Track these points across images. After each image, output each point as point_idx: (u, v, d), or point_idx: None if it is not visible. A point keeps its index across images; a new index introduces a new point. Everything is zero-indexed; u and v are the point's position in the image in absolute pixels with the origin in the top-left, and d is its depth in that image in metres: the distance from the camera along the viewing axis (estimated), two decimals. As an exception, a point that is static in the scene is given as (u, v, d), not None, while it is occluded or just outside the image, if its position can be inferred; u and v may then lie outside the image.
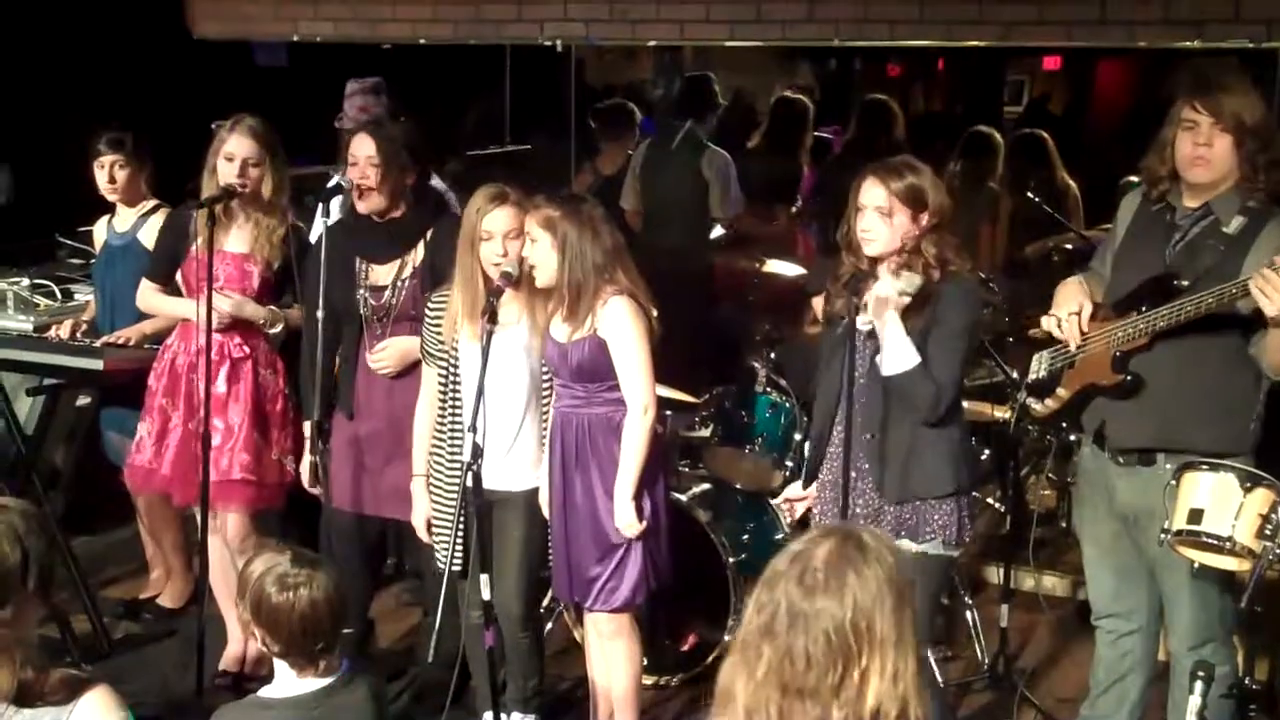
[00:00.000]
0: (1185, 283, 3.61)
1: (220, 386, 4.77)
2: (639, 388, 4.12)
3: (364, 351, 4.61)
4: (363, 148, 4.52)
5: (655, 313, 4.29)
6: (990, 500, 6.02)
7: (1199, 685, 3.39)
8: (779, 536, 5.17)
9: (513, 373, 4.26)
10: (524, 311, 4.24)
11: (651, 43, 6.68)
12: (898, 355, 3.72)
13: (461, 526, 4.12)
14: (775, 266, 6.52)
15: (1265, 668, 4.81)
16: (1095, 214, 6.51)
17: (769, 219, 7.24)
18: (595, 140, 7.64)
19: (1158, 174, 3.83)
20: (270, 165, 4.73)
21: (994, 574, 5.61)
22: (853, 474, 3.88)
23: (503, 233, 4.18)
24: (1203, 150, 3.66)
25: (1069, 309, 3.90)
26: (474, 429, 3.85)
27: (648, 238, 6.81)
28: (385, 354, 4.57)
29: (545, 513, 4.30)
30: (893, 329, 3.71)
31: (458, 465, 4.20)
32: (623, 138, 7.44)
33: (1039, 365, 4.08)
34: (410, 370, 4.54)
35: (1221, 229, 3.68)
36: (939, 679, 4.62)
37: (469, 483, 3.92)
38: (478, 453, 3.86)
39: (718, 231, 7.06)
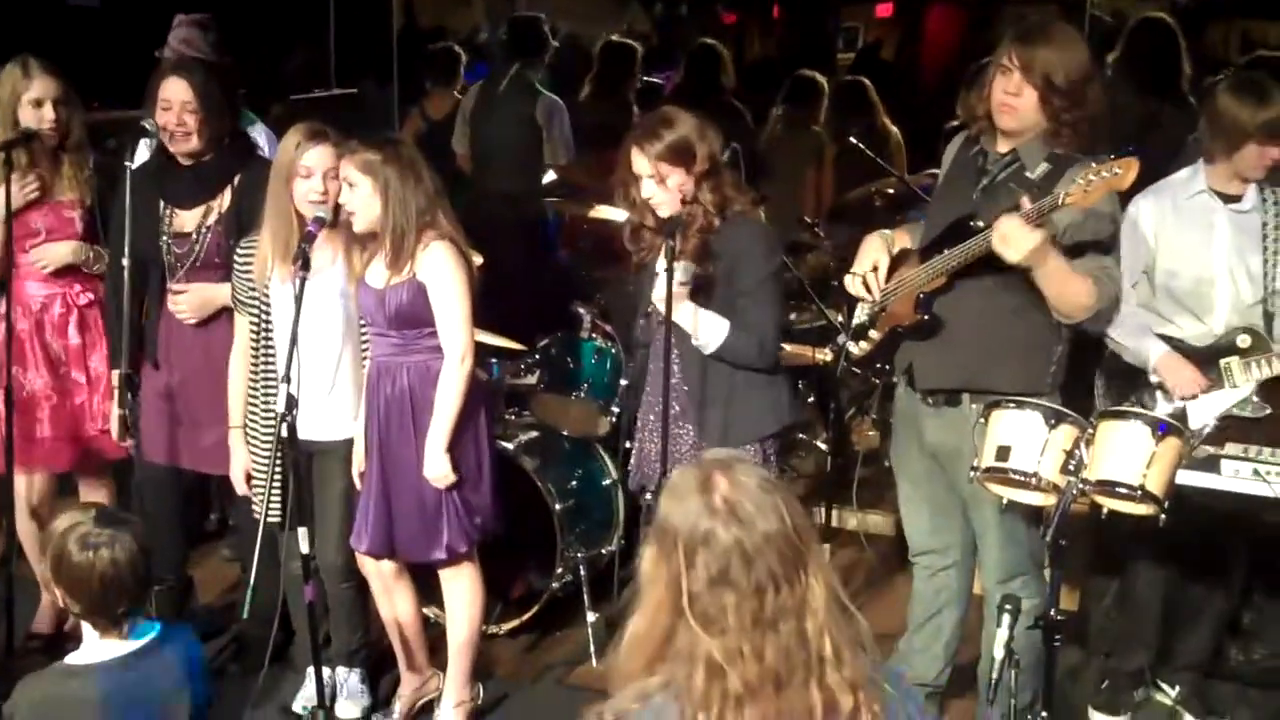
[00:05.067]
0: (981, 224, 3.68)
1: (74, 338, 4.65)
2: (457, 334, 4.07)
3: (167, 299, 4.49)
4: (176, 92, 4.37)
5: (479, 259, 4.26)
6: (816, 441, 6.10)
7: (1005, 618, 3.49)
8: (606, 482, 5.19)
9: (328, 319, 4.18)
10: (338, 255, 4.16)
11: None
12: (709, 332, 3.82)
13: (279, 478, 4.05)
14: (606, 211, 6.49)
15: (1075, 599, 5.00)
16: (925, 158, 6.60)
17: (600, 164, 7.20)
18: (424, 84, 7.52)
19: (975, 111, 3.89)
20: (72, 103, 4.57)
21: (819, 514, 5.70)
22: (674, 426, 3.94)
23: (322, 170, 4.09)
24: (1010, 99, 3.72)
25: (862, 267, 3.97)
26: (288, 379, 3.77)
27: (479, 182, 6.74)
28: (184, 299, 4.45)
29: (358, 463, 4.25)
30: (687, 315, 3.80)
31: (273, 415, 4.10)
32: (450, 82, 7.35)
33: (861, 311, 4.14)
34: (218, 318, 4.44)
35: (1025, 174, 3.75)
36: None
37: (284, 434, 3.85)
38: (292, 403, 3.78)
39: (550, 177, 7.00)
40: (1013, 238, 3.46)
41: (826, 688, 2.17)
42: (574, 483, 5.11)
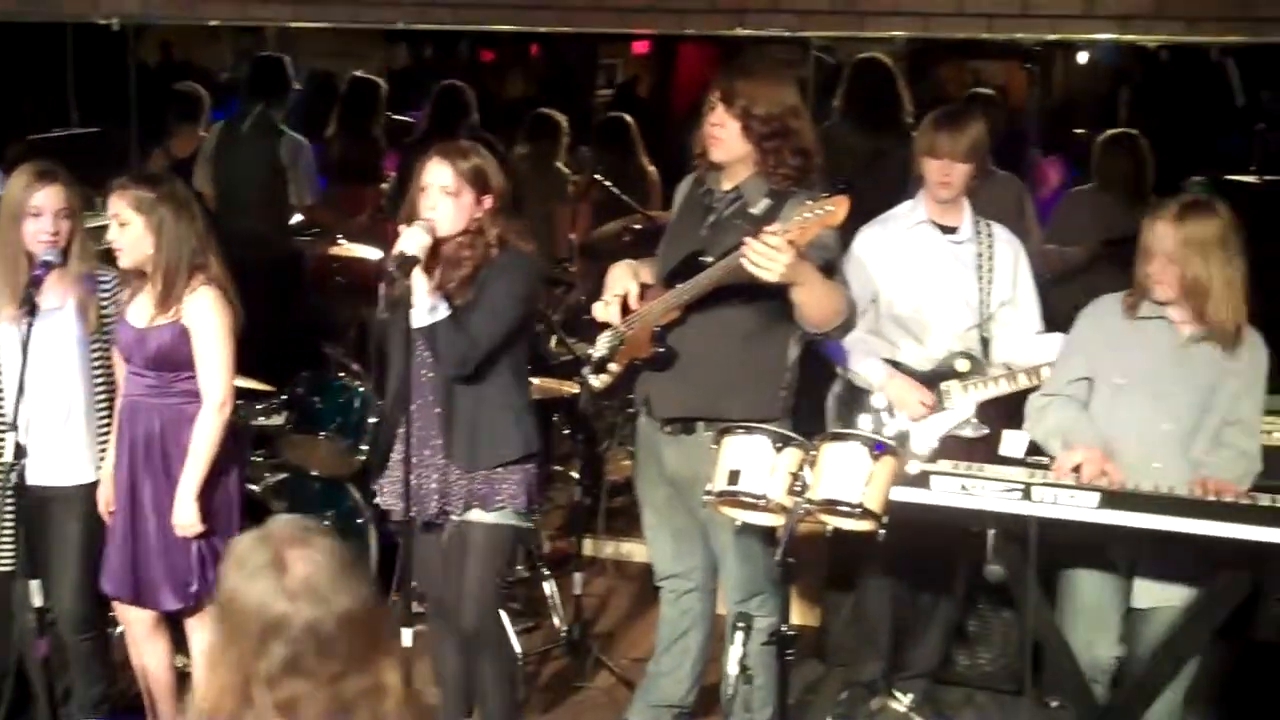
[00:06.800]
0: (710, 259, 3.84)
1: None
2: (217, 383, 4.04)
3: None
4: None
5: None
6: (570, 472, 6.18)
7: (739, 635, 3.64)
8: (359, 521, 5.17)
9: (61, 362, 4.10)
10: (69, 297, 4.08)
11: (213, 22, 6.49)
12: (422, 310, 3.81)
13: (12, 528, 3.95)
14: (355, 249, 6.48)
15: (817, 615, 5.20)
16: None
17: (347, 200, 7.19)
18: (168, 123, 7.38)
19: (697, 151, 4.08)
20: None
21: (572, 544, 5.78)
22: (426, 451, 3.95)
23: (54, 210, 4.02)
24: (714, 130, 3.93)
25: (614, 292, 4.08)
26: (15, 427, 3.68)
27: (223, 222, 6.64)
28: None
29: (104, 504, 4.16)
30: (418, 284, 3.79)
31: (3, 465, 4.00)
32: (195, 120, 7.25)
33: (601, 344, 4.25)
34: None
35: (749, 210, 3.92)
36: (516, 650, 4.74)
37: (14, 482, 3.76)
38: (20, 452, 3.70)
39: (298, 217, 6.95)
40: (766, 261, 3.53)
41: None
42: (325, 523, 5.05)
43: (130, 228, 3.96)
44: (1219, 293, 3.74)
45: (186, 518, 4.03)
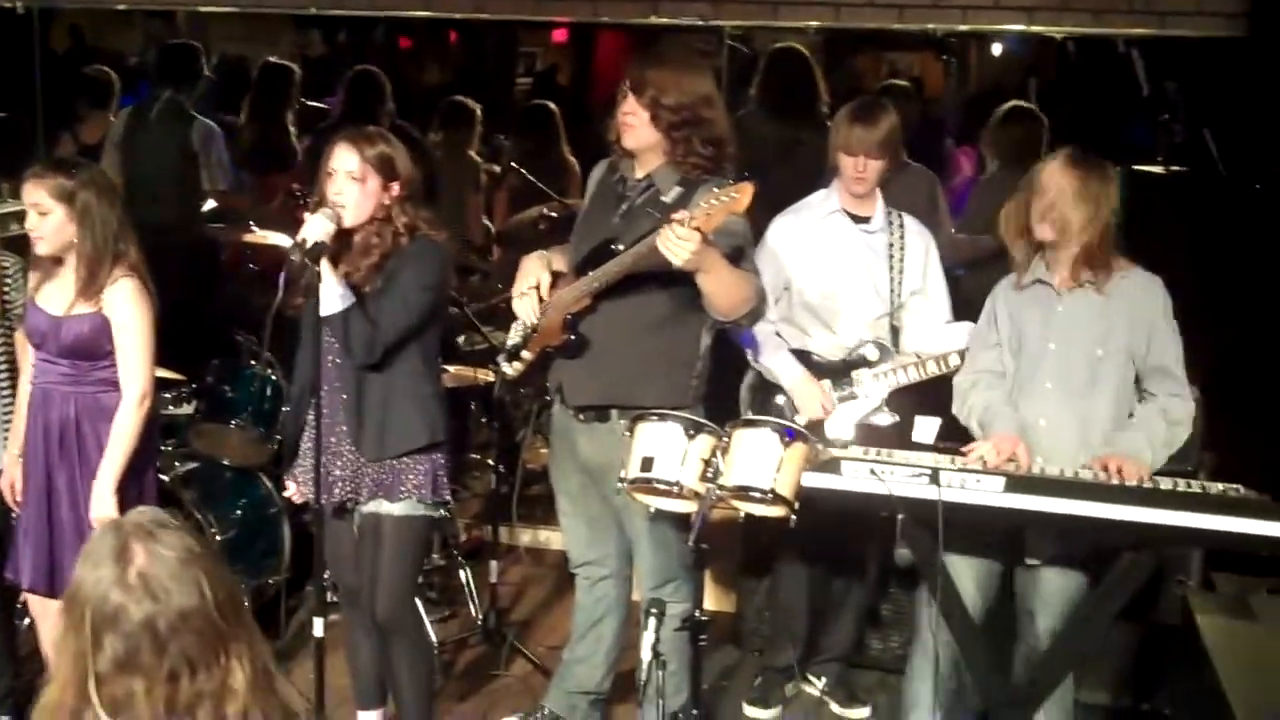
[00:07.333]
0: (620, 247, 3.85)
1: None
2: (137, 376, 3.99)
3: None
4: None
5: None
6: (488, 460, 6.18)
7: (652, 621, 3.65)
8: (272, 510, 5.12)
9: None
10: None
11: (120, 6, 6.40)
12: (330, 297, 3.77)
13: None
14: (268, 236, 6.41)
15: (734, 601, 5.23)
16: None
17: (259, 187, 7.11)
18: (77, 108, 7.26)
19: (610, 138, 4.08)
20: None
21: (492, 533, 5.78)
22: (332, 438, 3.93)
23: None
24: (627, 119, 3.94)
25: (527, 283, 4.09)
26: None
27: (133, 208, 6.54)
28: None
29: (6, 487, 4.11)
30: (324, 272, 3.75)
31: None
32: (105, 105, 7.14)
33: (514, 332, 4.25)
34: None
35: (661, 198, 3.94)
36: (433, 640, 4.72)
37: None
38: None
39: (210, 204, 6.86)
40: (676, 245, 3.54)
41: None
42: (239, 512, 5.04)
43: (51, 216, 3.90)
44: (1082, 234, 3.78)
45: (106, 511, 3.97)
